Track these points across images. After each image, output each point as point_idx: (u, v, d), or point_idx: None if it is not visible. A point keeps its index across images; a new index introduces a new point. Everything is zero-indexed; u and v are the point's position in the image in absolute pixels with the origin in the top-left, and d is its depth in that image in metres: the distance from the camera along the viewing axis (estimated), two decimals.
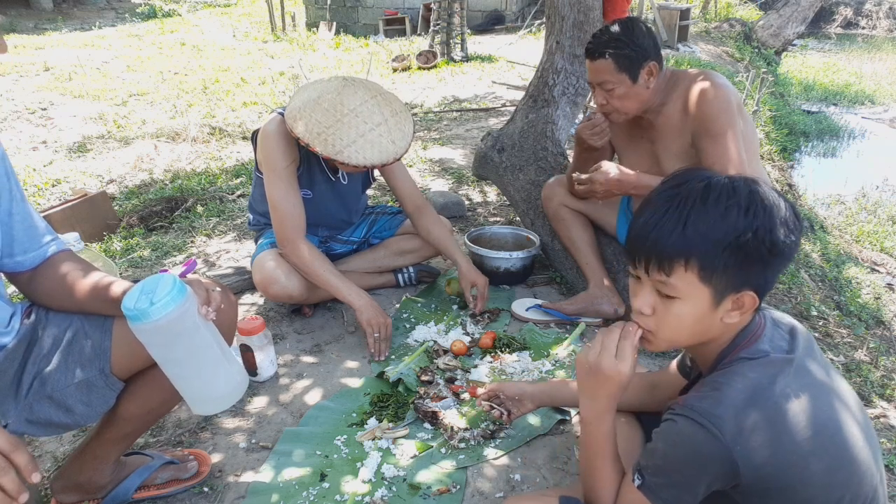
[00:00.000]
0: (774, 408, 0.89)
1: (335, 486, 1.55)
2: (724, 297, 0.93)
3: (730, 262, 0.90)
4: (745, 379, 0.92)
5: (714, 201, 0.90)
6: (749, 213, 0.89)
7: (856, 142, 7.29)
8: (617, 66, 1.85)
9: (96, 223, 3.17)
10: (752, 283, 0.93)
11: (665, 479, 0.95)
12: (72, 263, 1.26)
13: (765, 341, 0.97)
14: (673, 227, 0.91)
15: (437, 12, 8.19)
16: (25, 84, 7.03)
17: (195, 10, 15.23)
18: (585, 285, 2.30)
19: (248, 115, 5.79)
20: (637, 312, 1.01)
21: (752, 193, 0.91)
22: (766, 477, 0.89)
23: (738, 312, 0.95)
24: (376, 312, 2.05)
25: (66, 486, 1.44)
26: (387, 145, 1.93)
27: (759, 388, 0.91)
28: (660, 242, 0.92)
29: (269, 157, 2.04)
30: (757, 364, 0.94)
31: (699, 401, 0.92)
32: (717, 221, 0.90)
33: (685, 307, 0.95)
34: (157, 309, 1.05)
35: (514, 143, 2.83)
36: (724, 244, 0.89)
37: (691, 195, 0.92)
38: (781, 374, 0.93)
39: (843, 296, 2.91)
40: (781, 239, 0.90)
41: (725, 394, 0.90)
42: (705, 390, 0.94)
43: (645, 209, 0.97)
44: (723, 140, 1.80)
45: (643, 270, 0.96)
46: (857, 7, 16.65)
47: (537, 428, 1.74)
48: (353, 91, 1.96)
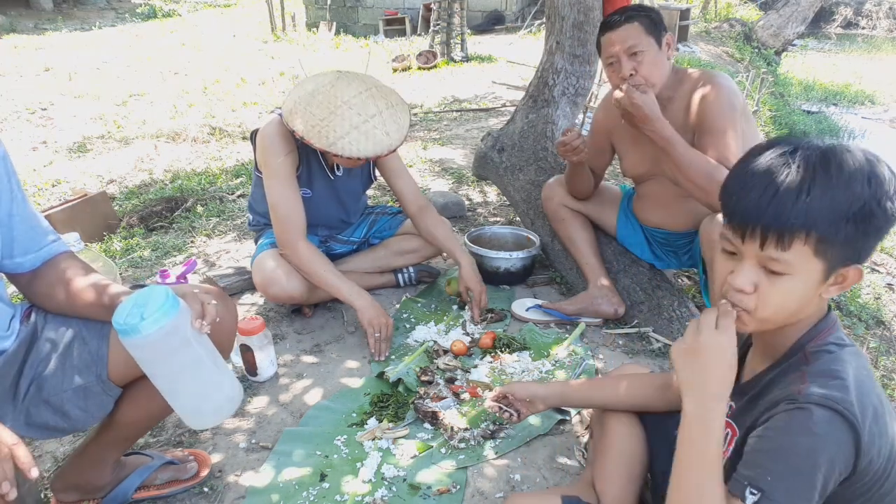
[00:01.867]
0: (877, 397, 0.88)
1: (335, 487, 1.55)
2: (834, 271, 0.88)
3: (850, 234, 0.84)
4: (852, 368, 0.89)
5: (837, 168, 0.84)
6: (872, 181, 0.84)
7: (856, 142, 7.29)
8: (645, 28, 1.84)
9: (96, 223, 3.17)
10: (861, 256, 0.88)
11: (796, 482, 0.83)
12: (72, 266, 1.25)
13: (841, 331, 0.95)
14: (796, 198, 0.83)
15: (437, 12, 8.19)
16: (25, 84, 7.03)
17: (195, 10, 15.24)
18: (585, 285, 2.30)
19: (248, 115, 5.80)
20: (737, 291, 0.91)
21: (870, 161, 0.86)
22: (871, 468, 0.87)
23: (837, 287, 0.90)
24: (377, 312, 2.05)
25: (66, 485, 1.44)
26: (381, 137, 1.92)
27: (866, 378, 0.89)
28: (782, 213, 0.84)
29: (268, 158, 2.04)
30: (852, 352, 0.91)
31: (825, 388, 0.85)
32: (841, 190, 0.83)
33: (795, 284, 0.88)
34: (148, 324, 1.03)
35: (514, 143, 2.83)
36: (849, 215, 0.83)
37: (810, 161, 0.85)
38: (867, 365, 0.92)
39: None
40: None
41: (847, 381, 0.86)
42: (823, 378, 0.88)
43: (752, 178, 0.88)
44: (722, 139, 1.80)
45: (755, 245, 0.87)
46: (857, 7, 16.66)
47: (537, 428, 1.74)
48: (348, 83, 1.96)
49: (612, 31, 1.88)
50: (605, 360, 2.07)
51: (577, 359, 2.06)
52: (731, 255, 0.93)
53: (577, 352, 2.10)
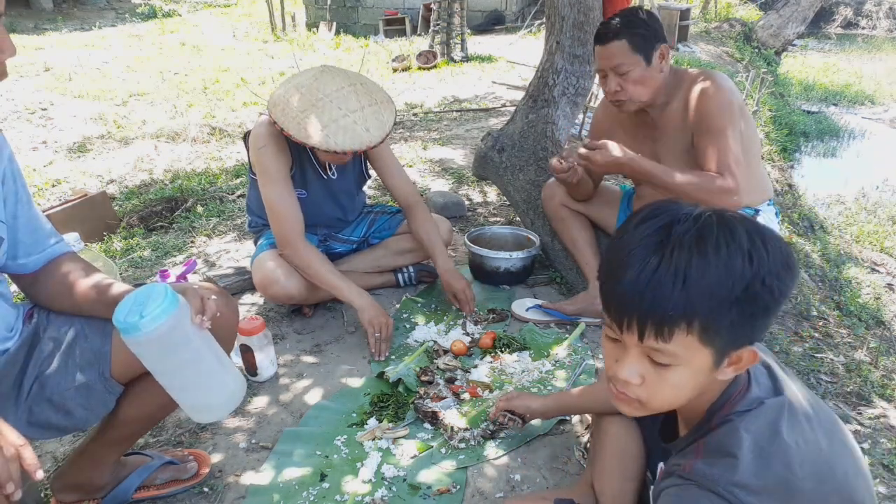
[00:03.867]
0: (784, 465, 0.80)
1: (335, 486, 1.55)
2: (725, 356, 0.81)
3: (736, 318, 0.77)
4: (750, 436, 0.82)
5: (714, 248, 0.76)
6: (754, 258, 0.76)
7: (856, 142, 7.29)
8: (632, 46, 1.83)
9: (96, 223, 3.17)
10: (753, 337, 0.81)
11: None
12: (74, 266, 1.26)
13: (755, 387, 0.87)
14: (672, 284, 0.75)
15: (437, 12, 8.19)
16: (25, 84, 7.03)
17: (195, 10, 15.23)
18: (585, 285, 2.30)
19: (248, 115, 5.80)
20: (623, 382, 0.85)
21: (749, 233, 0.78)
22: None
23: (733, 368, 0.83)
24: (378, 312, 2.05)
25: (66, 485, 1.44)
26: (360, 132, 1.91)
27: (767, 444, 0.81)
28: (657, 303, 0.76)
29: (261, 160, 2.03)
30: (756, 416, 0.84)
31: (711, 467, 0.81)
32: (720, 273, 0.75)
33: (683, 374, 0.82)
34: (147, 322, 1.03)
35: (514, 143, 2.83)
36: (732, 299, 0.76)
37: (684, 242, 0.77)
38: (781, 421, 0.83)
39: (843, 296, 2.91)
40: (787, 283, 0.78)
41: (739, 459, 0.80)
42: (712, 456, 0.83)
43: (625, 261, 0.79)
44: (721, 138, 1.80)
45: (634, 336, 0.80)
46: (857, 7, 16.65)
47: (537, 428, 1.74)
48: (331, 77, 1.96)
49: (601, 45, 1.88)
50: (604, 361, 2.06)
51: (577, 359, 2.06)
52: (615, 341, 0.86)
53: (577, 352, 2.10)
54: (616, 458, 1.33)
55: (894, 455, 1.74)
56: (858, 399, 2.01)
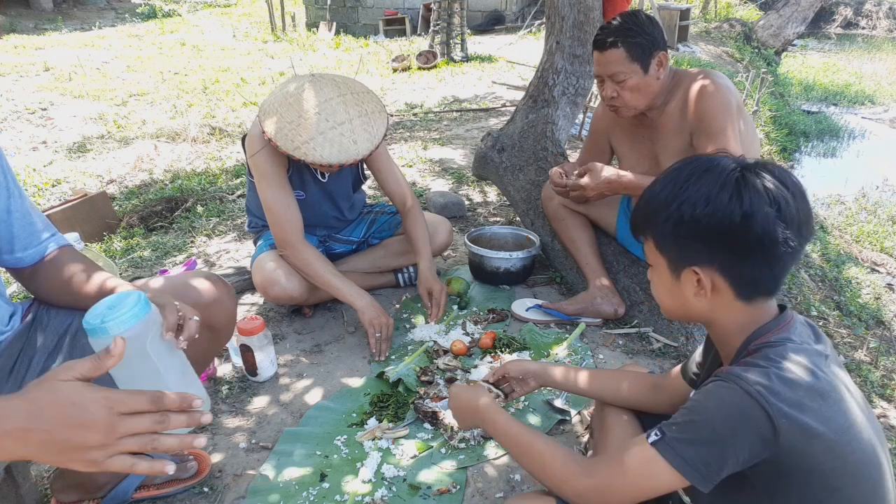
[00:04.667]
0: (819, 388, 0.89)
1: (335, 486, 1.55)
2: (680, 269, 1.00)
3: (669, 234, 0.99)
4: (787, 359, 0.91)
5: (662, 178, 1.00)
6: (679, 188, 0.96)
7: (856, 142, 7.29)
8: (629, 55, 1.83)
9: (96, 223, 3.17)
10: (700, 261, 0.97)
11: (693, 434, 0.91)
12: (71, 260, 1.26)
13: (795, 334, 0.97)
14: (639, 207, 1.04)
15: (437, 12, 8.19)
16: (25, 84, 7.03)
17: (195, 10, 15.24)
18: (585, 285, 2.30)
19: (248, 115, 5.80)
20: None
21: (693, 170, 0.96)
22: (800, 455, 0.87)
23: (703, 293, 0.98)
24: (378, 312, 2.05)
25: (67, 485, 1.44)
26: (347, 145, 1.90)
27: (804, 367, 0.90)
28: (634, 215, 1.07)
29: (257, 163, 2.03)
30: (795, 347, 0.94)
31: (745, 371, 0.91)
32: (657, 197, 0.99)
33: (657, 275, 1.05)
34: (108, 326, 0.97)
35: (514, 143, 2.83)
36: (663, 217, 0.98)
37: (669, 172, 1.01)
38: (820, 361, 0.93)
39: (843, 296, 2.91)
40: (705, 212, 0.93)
41: (771, 369, 0.89)
42: (749, 365, 0.93)
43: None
44: (721, 138, 1.80)
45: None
46: (857, 7, 16.65)
47: (537, 428, 1.74)
48: (319, 88, 1.94)
49: (600, 51, 1.89)
50: (605, 360, 2.07)
51: (577, 359, 2.06)
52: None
53: (577, 352, 2.10)
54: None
55: (894, 455, 1.74)
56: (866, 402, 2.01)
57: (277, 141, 1.88)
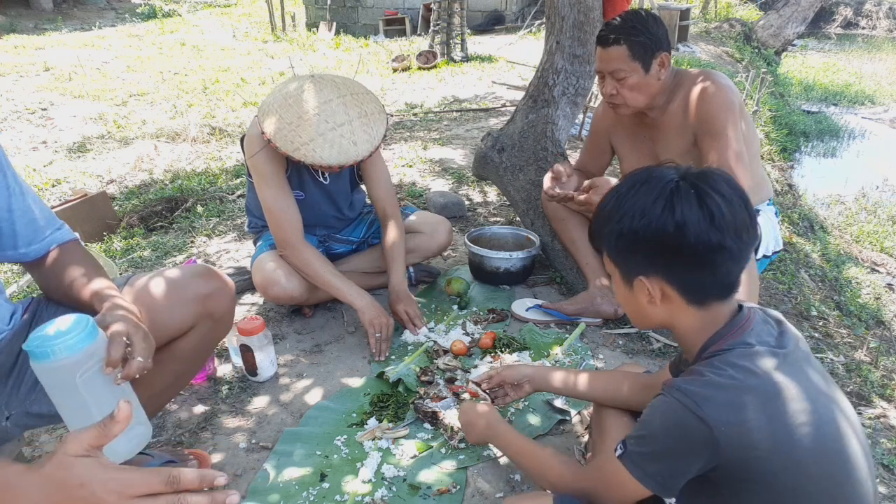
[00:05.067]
0: (764, 395, 0.90)
1: (335, 486, 1.55)
2: (630, 280, 1.04)
3: (612, 248, 1.04)
4: (732, 367, 0.93)
5: (617, 188, 1.04)
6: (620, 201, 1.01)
7: (856, 142, 7.29)
8: (631, 53, 1.84)
9: (96, 223, 3.17)
10: (649, 273, 1.00)
11: (648, 448, 0.97)
12: (71, 261, 1.26)
13: (751, 335, 0.98)
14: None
15: (437, 12, 8.18)
16: (25, 84, 7.03)
17: (195, 10, 15.24)
18: (585, 285, 2.30)
19: (248, 115, 5.79)
20: None
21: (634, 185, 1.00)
22: (753, 461, 0.89)
23: (654, 303, 1.02)
24: (378, 312, 2.05)
25: None
26: (347, 146, 1.89)
27: (747, 371, 0.92)
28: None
29: (256, 163, 2.03)
30: (743, 352, 0.95)
31: (685, 383, 0.95)
32: (611, 208, 1.02)
33: (614, 284, 1.11)
34: (32, 352, 0.96)
35: (514, 143, 2.83)
36: (607, 231, 1.03)
37: (616, 185, 1.05)
38: (768, 364, 0.93)
39: (843, 296, 2.91)
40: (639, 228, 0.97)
41: (710, 378, 0.93)
42: (691, 374, 0.97)
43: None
44: (723, 138, 1.80)
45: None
46: (857, 7, 16.65)
47: (537, 428, 1.74)
48: (319, 89, 1.93)
49: (602, 48, 1.89)
50: (605, 361, 2.07)
51: (577, 359, 2.06)
52: None
53: (577, 352, 2.10)
54: None
55: (894, 455, 1.74)
56: (858, 399, 2.01)
57: (277, 142, 1.88)
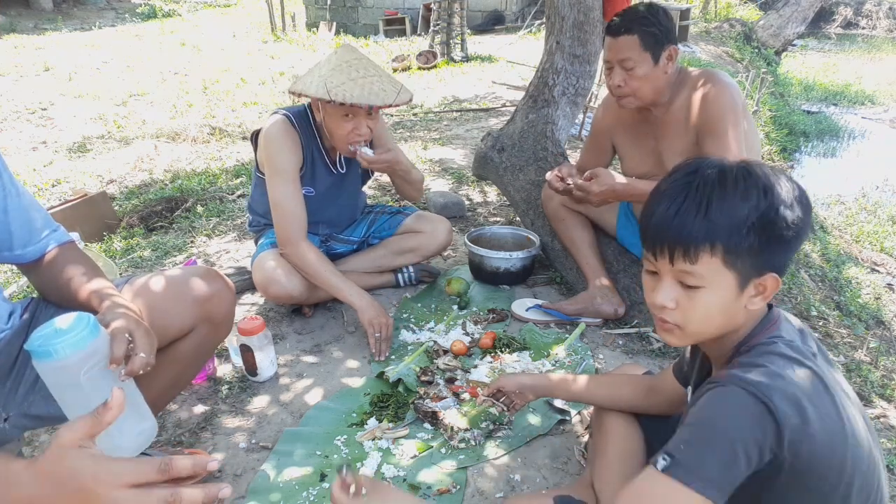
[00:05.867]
0: (814, 383, 0.89)
1: None
2: (749, 281, 0.93)
3: (754, 244, 0.90)
4: (782, 357, 0.91)
5: (733, 183, 0.90)
6: (768, 192, 0.89)
7: (856, 142, 7.29)
8: (642, 43, 1.84)
9: (96, 223, 3.17)
10: (774, 265, 0.93)
11: (705, 450, 0.87)
12: (69, 262, 1.26)
13: (783, 331, 0.97)
14: (696, 213, 0.90)
15: (437, 12, 8.19)
16: (25, 84, 7.03)
17: (195, 10, 15.23)
18: (585, 285, 2.30)
19: (248, 114, 5.80)
20: (660, 307, 0.97)
21: (766, 174, 0.92)
22: (801, 454, 0.87)
23: (761, 297, 0.95)
24: (378, 312, 2.06)
25: None
26: (376, 90, 1.95)
27: (799, 364, 0.90)
28: (684, 229, 0.91)
29: (271, 158, 2.04)
30: (787, 346, 0.93)
31: (744, 372, 0.89)
32: (738, 203, 0.89)
33: (711, 295, 0.93)
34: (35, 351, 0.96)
35: (514, 143, 2.83)
36: (748, 225, 0.89)
37: (708, 180, 0.91)
38: (811, 360, 0.92)
39: (843, 296, 2.91)
40: (800, 216, 0.91)
41: (770, 368, 0.89)
42: (745, 367, 0.91)
43: (659, 199, 0.95)
44: (725, 139, 1.80)
45: (666, 261, 0.94)
46: (857, 7, 16.65)
47: (537, 428, 1.74)
48: (350, 50, 2.05)
49: (613, 37, 1.88)
50: (605, 360, 2.07)
51: (577, 359, 2.06)
52: (653, 274, 0.99)
53: (577, 352, 2.10)
54: (617, 457, 1.33)
55: (894, 455, 1.74)
56: (858, 399, 2.01)
57: (307, 89, 1.93)
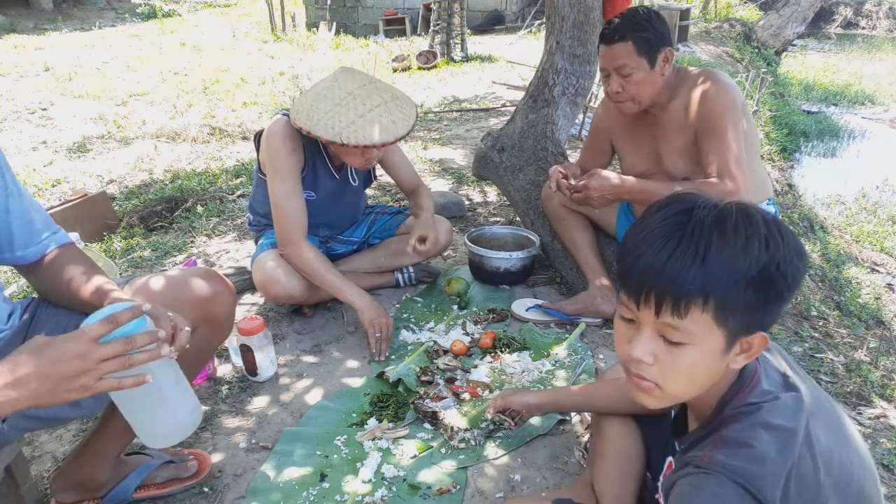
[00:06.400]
0: (804, 460, 0.82)
1: (335, 486, 1.55)
2: (736, 340, 0.83)
3: (751, 301, 0.79)
4: (769, 429, 0.82)
5: (733, 230, 0.79)
6: (770, 244, 0.79)
7: (856, 142, 7.28)
8: (637, 49, 1.84)
9: (96, 223, 3.17)
10: (764, 323, 0.83)
11: None
12: (70, 262, 1.25)
13: (765, 381, 0.88)
14: (691, 261, 0.78)
15: (437, 12, 8.19)
16: (25, 84, 7.03)
17: (195, 10, 15.23)
18: (585, 285, 2.30)
19: (248, 115, 5.79)
20: (636, 362, 0.86)
21: (767, 222, 0.81)
22: None
23: (745, 356, 0.85)
24: (378, 312, 2.06)
25: (66, 485, 1.44)
26: (387, 125, 1.93)
27: (788, 438, 0.82)
28: (678, 278, 0.79)
29: (273, 159, 2.04)
30: (772, 409, 0.84)
31: (731, 458, 0.80)
32: (739, 253, 0.78)
33: (695, 355, 0.82)
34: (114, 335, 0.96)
35: (514, 143, 2.83)
36: (748, 280, 0.78)
37: (704, 224, 0.80)
38: (800, 416, 0.84)
39: (843, 296, 2.91)
40: (800, 270, 0.82)
41: (758, 449, 0.80)
42: (731, 447, 0.83)
43: (646, 240, 0.82)
44: (723, 139, 1.80)
45: (651, 311, 0.82)
46: (857, 7, 16.65)
47: (537, 428, 1.74)
48: (350, 76, 1.99)
49: (606, 45, 1.89)
50: (605, 360, 2.07)
51: (577, 359, 2.06)
52: (629, 322, 0.88)
53: (577, 352, 2.10)
54: (616, 459, 1.33)
55: (894, 455, 1.74)
56: (858, 399, 2.01)
57: (316, 131, 1.89)
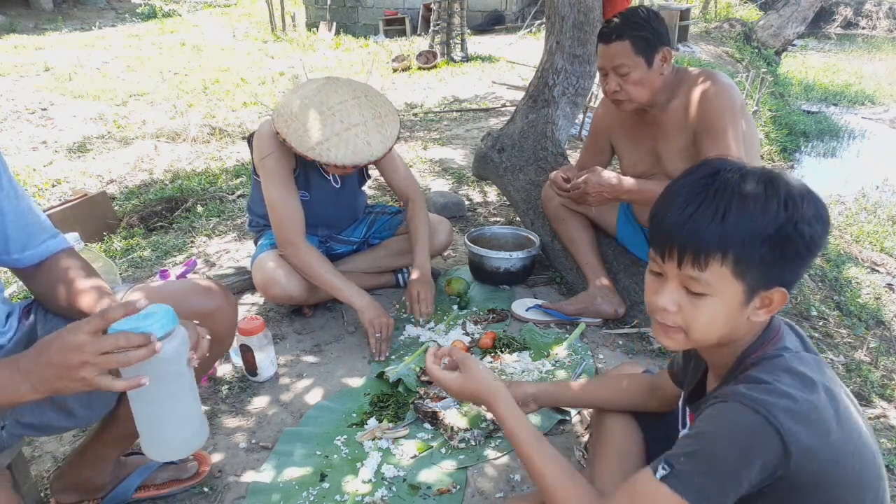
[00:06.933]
0: (823, 400, 0.86)
1: (335, 486, 1.55)
2: (755, 293, 0.89)
3: (766, 257, 0.86)
4: (792, 374, 0.88)
5: (753, 192, 0.86)
6: (789, 205, 0.85)
7: (856, 142, 7.28)
8: (634, 48, 1.84)
9: (96, 223, 3.17)
10: (784, 279, 0.89)
11: (705, 465, 0.85)
12: (71, 266, 1.24)
13: (787, 340, 0.94)
14: (711, 218, 0.86)
15: (437, 12, 8.18)
16: (25, 84, 7.03)
17: (195, 10, 15.23)
18: (585, 285, 2.30)
19: (248, 115, 5.80)
20: (661, 310, 0.93)
21: (789, 185, 0.87)
22: (810, 471, 0.85)
23: (765, 310, 0.91)
24: (378, 312, 2.06)
25: (66, 486, 1.44)
26: (361, 147, 1.92)
27: (810, 385, 0.87)
28: (697, 234, 0.86)
29: (264, 161, 2.04)
30: (794, 358, 0.91)
31: (750, 390, 0.86)
32: (757, 213, 0.85)
33: (716, 305, 0.90)
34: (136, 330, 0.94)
35: (514, 143, 2.83)
36: (764, 237, 0.85)
37: (728, 185, 0.87)
38: (823, 371, 0.90)
39: (843, 296, 2.91)
40: (818, 233, 0.87)
41: (775, 385, 0.86)
42: (753, 382, 0.88)
43: (675, 198, 0.91)
44: (723, 138, 1.80)
45: (674, 264, 0.90)
46: (857, 7, 16.65)
47: (537, 428, 1.74)
48: (334, 90, 1.97)
49: (604, 44, 1.89)
50: (605, 360, 2.07)
51: (577, 359, 2.06)
52: (658, 275, 0.95)
53: (577, 352, 2.10)
54: (616, 457, 1.33)
55: (894, 455, 1.74)
56: (858, 399, 2.01)
57: (292, 142, 1.89)
